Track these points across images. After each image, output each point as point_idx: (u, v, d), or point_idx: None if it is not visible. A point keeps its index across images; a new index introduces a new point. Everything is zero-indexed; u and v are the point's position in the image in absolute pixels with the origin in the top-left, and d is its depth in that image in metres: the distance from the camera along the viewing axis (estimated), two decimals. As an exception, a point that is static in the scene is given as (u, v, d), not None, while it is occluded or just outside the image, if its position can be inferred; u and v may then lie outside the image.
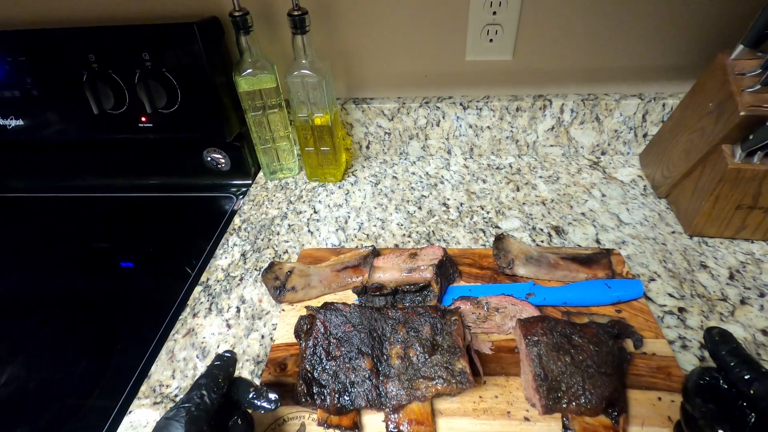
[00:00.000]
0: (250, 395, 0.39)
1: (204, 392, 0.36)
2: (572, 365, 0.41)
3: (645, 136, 0.77)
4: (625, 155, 0.79)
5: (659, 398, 0.43)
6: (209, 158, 0.80)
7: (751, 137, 0.52)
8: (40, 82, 0.71)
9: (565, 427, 0.40)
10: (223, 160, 0.80)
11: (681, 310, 0.53)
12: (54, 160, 0.85)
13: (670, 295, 0.55)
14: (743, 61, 0.55)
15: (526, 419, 0.42)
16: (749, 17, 0.53)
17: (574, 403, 0.39)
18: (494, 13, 0.67)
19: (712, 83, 0.58)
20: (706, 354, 0.48)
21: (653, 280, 0.57)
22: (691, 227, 0.61)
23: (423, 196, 0.74)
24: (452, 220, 0.68)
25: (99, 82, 0.67)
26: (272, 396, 0.39)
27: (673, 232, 0.63)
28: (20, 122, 0.75)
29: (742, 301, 0.53)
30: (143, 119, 0.72)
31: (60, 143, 0.81)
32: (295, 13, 0.61)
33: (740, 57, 0.55)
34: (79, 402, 0.51)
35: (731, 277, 0.56)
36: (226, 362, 0.40)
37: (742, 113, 0.52)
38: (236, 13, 0.62)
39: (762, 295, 0.54)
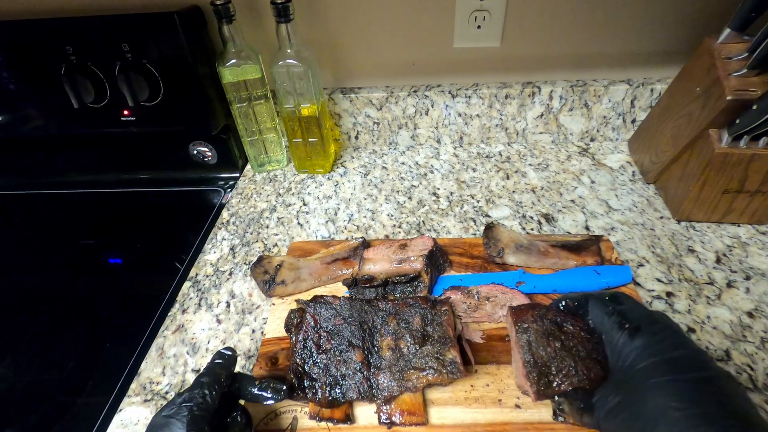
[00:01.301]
0: (256, 388, 0.39)
1: (206, 391, 0.36)
2: (563, 350, 0.41)
3: (633, 121, 0.77)
4: (614, 141, 0.79)
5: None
6: (195, 151, 0.79)
7: (737, 121, 0.52)
8: (17, 75, 0.69)
9: (555, 413, 0.41)
10: (209, 153, 0.79)
11: (669, 294, 0.53)
12: (36, 156, 0.83)
13: (659, 280, 0.55)
14: (730, 44, 0.55)
15: (517, 406, 0.43)
16: (734, 2, 0.53)
17: (566, 383, 0.40)
18: (481, -2, 0.66)
19: (699, 68, 0.58)
20: (694, 337, 0.49)
21: (642, 265, 0.57)
22: (678, 212, 0.62)
23: (413, 186, 0.74)
24: (442, 210, 0.68)
25: (78, 75, 0.66)
26: (279, 386, 0.40)
27: (662, 218, 0.64)
28: (-2, 118, 0.73)
29: (729, 285, 0.54)
30: (126, 113, 0.71)
31: (41, 138, 0.79)
32: (279, 1, 0.59)
33: (727, 41, 0.55)
34: (68, 401, 0.50)
35: (718, 260, 0.57)
36: (227, 360, 0.40)
37: (728, 98, 0.52)
38: (218, 2, 0.60)
39: (748, 278, 0.54)
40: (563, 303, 0.42)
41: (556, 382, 0.39)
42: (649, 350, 0.33)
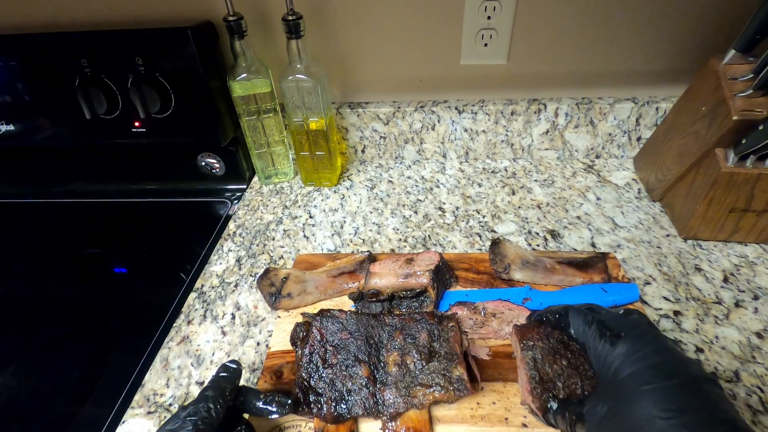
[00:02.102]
0: (261, 402, 0.39)
1: (210, 405, 0.36)
2: (569, 368, 0.40)
3: (639, 139, 0.77)
4: (619, 158, 0.80)
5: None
6: (203, 163, 0.80)
7: (743, 141, 0.52)
8: (32, 87, 0.70)
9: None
10: (217, 165, 0.80)
11: (676, 313, 0.53)
12: (46, 166, 0.84)
13: (666, 299, 0.55)
14: (735, 65, 0.56)
15: (524, 425, 0.42)
16: (741, 22, 0.54)
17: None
18: (489, 17, 0.67)
19: (704, 88, 0.58)
20: (702, 357, 0.48)
21: (648, 283, 0.57)
22: (685, 230, 0.62)
23: (419, 200, 0.74)
24: (448, 225, 0.68)
25: (91, 87, 0.67)
26: (284, 400, 0.39)
27: (668, 235, 0.64)
28: (12, 127, 0.75)
29: (737, 304, 0.53)
30: (136, 124, 0.72)
31: (52, 148, 0.80)
32: (290, 17, 0.61)
33: (732, 62, 0.56)
34: (71, 411, 0.50)
35: (725, 279, 0.57)
36: (232, 374, 0.40)
37: (734, 118, 0.52)
38: (230, 18, 0.62)
39: (756, 298, 0.54)
40: (545, 317, 0.43)
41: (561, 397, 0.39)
42: (631, 357, 0.34)
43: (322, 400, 0.42)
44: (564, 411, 0.37)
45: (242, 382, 0.48)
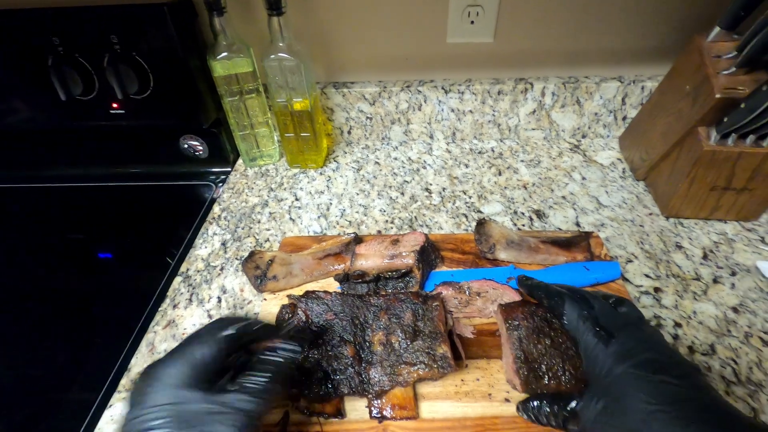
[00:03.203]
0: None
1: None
2: (552, 347, 0.41)
3: (624, 119, 0.77)
4: (605, 138, 0.80)
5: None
6: (186, 145, 0.78)
7: (725, 119, 0.53)
8: (2, 67, 0.67)
9: (564, 428, 0.41)
10: (200, 147, 0.78)
11: (657, 290, 0.54)
12: (24, 150, 0.82)
13: (647, 276, 0.56)
14: (719, 43, 0.55)
15: (507, 400, 0.43)
16: (724, 0, 0.53)
17: (553, 382, 0.40)
18: (475, -7, 0.66)
19: (688, 66, 0.58)
20: (680, 332, 0.49)
21: (630, 261, 0.58)
22: (667, 209, 0.63)
23: (405, 181, 0.74)
24: (435, 206, 0.68)
25: (65, 67, 0.64)
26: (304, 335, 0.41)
27: (651, 214, 0.65)
28: (-16, 110, 0.72)
29: (715, 280, 0.55)
30: (115, 106, 0.70)
31: (29, 131, 0.78)
32: (270, -7, 0.59)
33: (716, 39, 0.56)
34: (57, 397, 0.50)
35: (705, 257, 0.58)
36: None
37: (717, 96, 0.53)
38: (208, -6, 0.59)
39: (733, 274, 0.55)
40: (538, 293, 0.44)
41: (544, 381, 0.40)
42: (625, 354, 0.35)
43: (308, 380, 0.43)
44: (555, 407, 0.37)
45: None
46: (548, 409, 0.38)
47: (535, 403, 0.39)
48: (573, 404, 0.36)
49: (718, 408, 0.31)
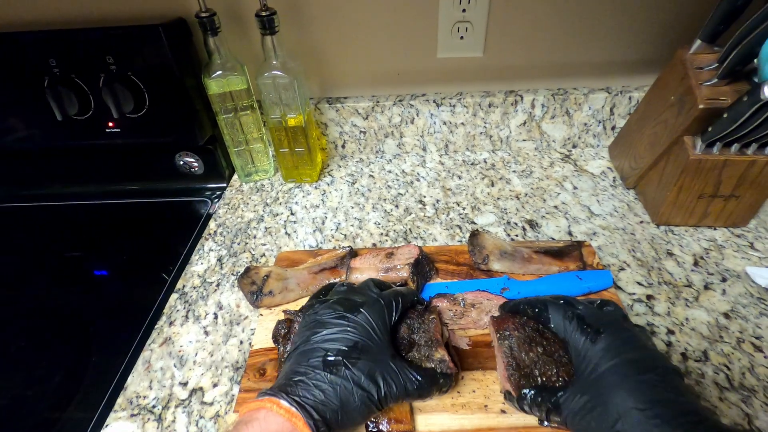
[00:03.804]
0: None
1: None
2: (545, 355, 0.42)
3: (613, 128, 0.79)
4: (595, 148, 0.81)
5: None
6: (182, 162, 0.79)
7: (709, 129, 0.54)
8: (0, 87, 0.68)
9: (540, 419, 0.41)
10: (196, 164, 0.79)
11: (649, 297, 0.55)
12: (20, 168, 0.82)
13: (639, 284, 0.57)
14: (701, 55, 0.57)
15: (503, 412, 0.43)
16: (706, 13, 0.55)
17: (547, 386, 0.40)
18: (464, 10, 0.68)
19: (673, 77, 0.60)
20: (673, 339, 0.50)
21: (623, 269, 0.58)
22: (657, 216, 0.64)
23: (399, 194, 0.74)
24: (429, 218, 0.69)
25: (62, 88, 0.65)
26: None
27: (641, 222, 0.65)
28: (-20, 130, 0.73)
29: (706, 287, 0.55)
30: (111, 125, 0.71)
31: (25, 151, 0.79)
32: (263, 13, 0.60)
33: (698, 51, 0.57)
34: (54, 416, 0.50)
35: (696, 263, 0.59)
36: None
37: (700, 106, 0.54)
38: (203, 14, 0.61)
39: (724, 280, 0.56)
40: (521, 307, 0.44)
41: (539, 383, 0.40)
42: (610, 353, 0.36)
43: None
44: (539, 399, 0.38)
45: (226, 382, 0.49)
46: (533, 399, 0.38)
47: (522, 393, 0.40)
48: (558, 395, 0.37)
49: (694, 413, 0.32)
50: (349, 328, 0.39)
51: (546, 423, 0.41)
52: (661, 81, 0.63)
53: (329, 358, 0.37)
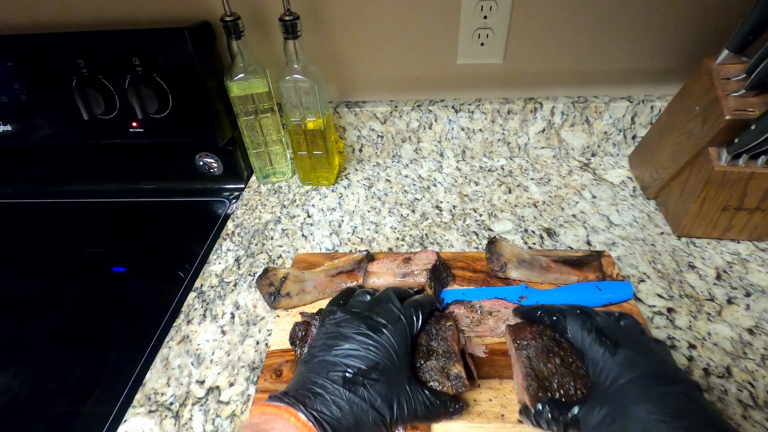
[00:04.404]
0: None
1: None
2: (562, 366, 0.41)
3: (634, 137, 0.78)
4: (614, 157, 0.80)
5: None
6: (201, 162, 0.80)
7: (736, 140, 0.53)
8: (29, 87, 0.70)
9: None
10: (215, 165, 0.80)
11: (670, 310, 0.54)
12: (44, 166, 0.84)
13: (659, 296, 0.56)
14: (728, 65, 0.56)
15: (520, 422, 0.43)
16: (734, 22, 0.54)
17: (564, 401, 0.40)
18: (485, 17, 0.68)
19: (698, 87, 0.59)
20: (695, 354, 0.49)
21: (643, 281, 0.58)
22: (679, 228, 0.63)
23: (416, 199, 0.74)
24: (445, 223, 0.69)
25: (89, 88, 0.67)
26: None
27: (662, 233, 0.64)
28: (8, 128, 0.75)
29: (729, 301, 0.54)
30: (134, 124, 0.72)
31: (50, 148, 0.81)
32: (287, 18, 0.61)
33: (725, 62, 0.56)
34: (73, 411, 0.51)
35: (718, 277, 0.57)
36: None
37: (727, 117, 0.53)
38: (227, 18, 0.62)
39: (748, 295, 0.55)
40: (538, 313, 0.44)
41: (556, 396, 0.40)
42: (631, 365, 0.35)
43: (321, 398, 0.43)
44: (557, 413, 0.38)
45: (242, 382, 0.49)
46: (549, 415, 0.38)
47: (537, 407, 0.39)
48: (575, 411, 0.37)
49: (719, 426, 0.31)
50: (371, 347, 0.39)
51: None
52: (686, 91, 0.62)
53: (348, 375, 0.37)
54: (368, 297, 0.46)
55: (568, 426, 0.37)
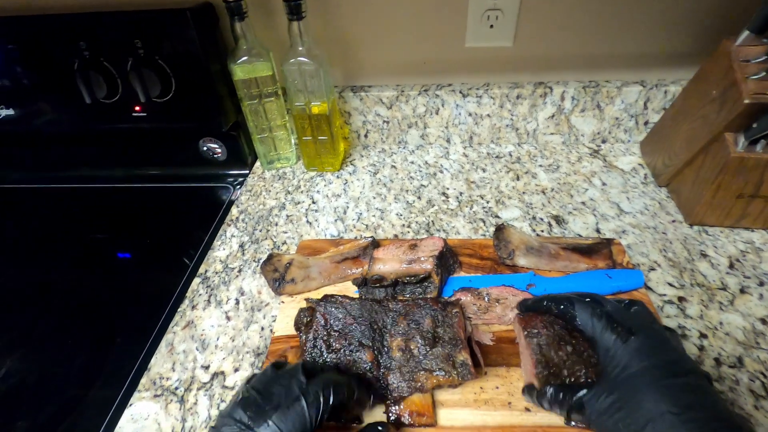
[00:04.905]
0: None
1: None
2: (574, 354, 0.40)
3: (646, 123, 0.76)
4: (625, 143, 0.79)
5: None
6: (205, 148, 0.79)
7: (754, 125, 0.51)
8: (31, 70, 0.69)
9: (567, 418, 0.40)
10: (219, 150, 0.79)
11: (681, 299, 0.53)
12: (48, 151, 0.84)
13: (670, 285, 0.55)
14: (748, 47, 0.54)
15: (527, 410, 0.42)
16: (755, 3, 0.52)
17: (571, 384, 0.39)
18: (495, -3, 0.66)
19: (715, 70, 0.57)
20: (706, 343, 0.48)
21: (653, 269, 0.57)
22: (691, 216, 0.61)
23: (422, 185, 0.73)
24: (452, 210, 0.68)
25: (91, 71, 0.66)
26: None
27: (674, 221, 0.63)
28: (11, 112, 0.74)
29: (742, 290, 0.53)
30: (137, 108, 0.71)
31: (54, 133, 0.80)
32: (291, -2, 0.59)
33: (745, 43, 0.54)
34: (79, 395, 0.51)
35: (731, 266, 0.56)
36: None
37: (746, 101, 0.51)
38: (230, -1, 0.60)
39: (761, 284, 0.54)
40: (545, 303, 0.43)
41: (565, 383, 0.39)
42: (643, 354, 0.35)
43: (326, 384, 0.43)
44: (561, 395, 0.37)
45: (247, 367, 0.49)
46: (554, 396, 0.37)
47: (543, 389, 0.39)
48: (581, 394, 0.36)
49: (729, 419, 0.31)
50: None
51: (572, 423, 0.40)
52: (702, 74, 0.60)
53: None
54: (272, 371, 0.38)
55: (572, 409, 0.37)
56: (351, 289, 0.55)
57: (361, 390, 0.39)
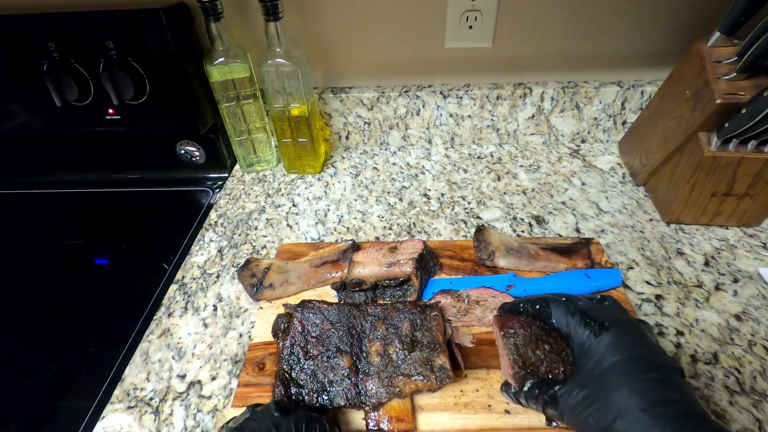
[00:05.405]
0: None
1: None
2: (552, 353, 0.40)
3: (624, 123, 0.77)
4: (604, 143, 0.79)
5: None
6: (183, 151, 0.77)
7: (726, 125, 0.52)
8: (-2, 72, 0.67)
9: (547, 418, 0.40)
10: (197, 153, 0.77)
11: (658, 297, 0.53)
12: (19, 155, 0.81)
13: (648, 283, 0.55)
14: (720, 48, 0.55)
15: (507, 412, 0.42)
16: (726, 4, 0.53)
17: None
18: (473, -2, 0.66)
19: (689, 71, 0.58)
20: (682, 340, 0.49)
21: (631, 268, 0.57)
22: (668, 215, 0.62)
23: (404, 187, 0.73)
24: (433, 212, 0.68)
25: (61, 73, 0.64)
26: None
27: (651, 220, 0.64)
28: (-21, 115, 0.71)
29: (717, 287, 0.54)
30: (111, 111, 0.69)
31: (24, 137, 0.78)
32: (267, -2, 0.58)
33: (717, 44, 0.55)
34: (50, 406, 0.49)
35: (706, 263, 0.57)
36: None
37: (717, 101, 0.52)
38: (205, -1, 0.59)
39: (736, 281, 0.55)
40: (521, 305, 0.43)
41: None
42: (615, 348, 0.35)
43: (303, 392, 0.42)
44: (536, 391, 0.37)
45: (224, 375, 0.48)
46: (529, 391, 0.38)
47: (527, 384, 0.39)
48: (555, 389, 0.36)
49: (696, 415, 0.31)
50: None
51: (554, 423, 0.40)
52: (676, 74, 0.61)
53: None
54: (249, 411, 0.38)
55: (546, 404, 0.37)
56: (331, 294, 0.54)
57: (333, 428, 0.38)
